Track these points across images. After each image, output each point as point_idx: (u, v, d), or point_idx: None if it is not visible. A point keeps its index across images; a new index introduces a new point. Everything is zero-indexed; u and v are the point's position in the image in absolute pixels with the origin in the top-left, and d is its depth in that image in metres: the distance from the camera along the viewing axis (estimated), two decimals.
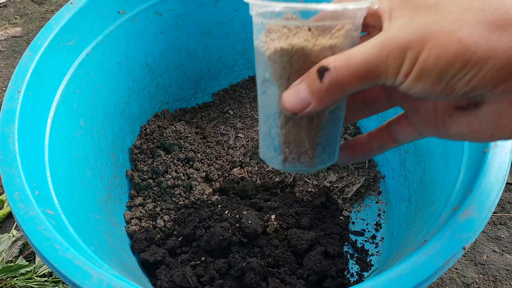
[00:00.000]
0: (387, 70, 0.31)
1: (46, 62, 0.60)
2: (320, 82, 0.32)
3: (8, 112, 0.54)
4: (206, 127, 0.86)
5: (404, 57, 0.30)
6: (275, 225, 0.67)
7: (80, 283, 0.41)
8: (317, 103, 0.33)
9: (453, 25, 0.29)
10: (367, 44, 0.31)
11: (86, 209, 0.61)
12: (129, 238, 0.71)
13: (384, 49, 0.31)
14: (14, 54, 1.22)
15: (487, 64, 0.29)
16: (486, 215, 0.43)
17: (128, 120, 0.78)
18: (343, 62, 0.31)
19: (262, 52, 0.36)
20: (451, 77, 0.30)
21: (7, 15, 1.33)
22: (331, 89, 0.32)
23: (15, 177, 0.48)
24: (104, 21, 0.69)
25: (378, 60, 0.31)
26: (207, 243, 0.65)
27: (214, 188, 0.75)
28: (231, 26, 0.83)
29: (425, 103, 0.39)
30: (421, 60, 0.30)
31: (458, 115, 0.36)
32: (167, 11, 0.76)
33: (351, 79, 0.32)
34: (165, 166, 0.76)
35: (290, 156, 0.40)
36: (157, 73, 0.82)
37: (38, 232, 0.45)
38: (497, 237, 0.82)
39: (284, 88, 0.36)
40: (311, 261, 0.62)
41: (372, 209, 0.77)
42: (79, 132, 0.65)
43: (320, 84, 0.32)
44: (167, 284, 0.63)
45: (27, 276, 0.79)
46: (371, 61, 0.31)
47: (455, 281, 0.77)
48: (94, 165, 0.68)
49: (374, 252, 0.72)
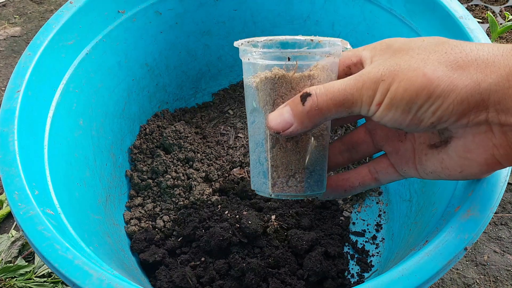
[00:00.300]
0: (362, 98, 0.36)
1: (46, 62, 0.60)
2: (302, 105, 0.37)
3: (7, 112, 0.53)
4: (206, 127, 0.86)
5: (377, 88, 0.35)
6: (275, 225, 0.67)
7: (80, 283, 0.41)
8: (298, 125, 0.38)
9: (420, 63, 0.34)
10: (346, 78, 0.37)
11: (86, 209, 0.61)
12: (128, 238, 0.71)
13: (359, 81, 0.36)
14: (13, 54, 1.22)
15: (449, 97, 0.34)
16: (488, 216, 0.43)
17: (127, 119, 0.78)
18: (323, 90, 0.37)
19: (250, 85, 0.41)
20: (418, 108, 0.35)
21: (6, 14, 1.33)
22: (312, 112, 0.37)
23: (14, 177, 0.48)
24: (104, 21, 0.68)
25: (353, 89, 0.36)
26: (207, 243, 0.65)
27: (214, 188, 0.75)
28: (231, 25, 0.82)
29: (404, 144, 0.44)
30: (391, 91, 0.35)
31: (432, 153, 0.41)
32: (167, 10, 0.76)
33: (330, 105, 0.36)
34: (164, 166, 0.76)
35: (279, 180, 0.42)
36: (157, 72, 0.82)
37: (38, 232, 0.44)
38: (498, 238, 0.82)
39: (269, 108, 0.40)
40: (312, 261, 0.62)
41: (372, 210, 0.77)
42: (78, 132, 0.65)
43: (303, 107, 0.37)
44: (166, 284, 0.62)
45: (26, 276, 0.79)
46: (347, 90, 0.36)
47: (455, 281, 0.77)
48: (93, 165, 0.68)
49: (375, 253, 0.72)
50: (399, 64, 0.35)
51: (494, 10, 1.18)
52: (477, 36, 0.56)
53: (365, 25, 0.73)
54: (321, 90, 0.37)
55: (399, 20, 0.67)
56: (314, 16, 0.78)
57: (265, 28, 0.83)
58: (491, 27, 1.02)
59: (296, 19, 0.80)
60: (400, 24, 0.67)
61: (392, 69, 0.35)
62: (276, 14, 0.81)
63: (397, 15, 0.67)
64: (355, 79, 0.36)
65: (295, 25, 0.80)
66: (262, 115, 0.41)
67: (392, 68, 0.35)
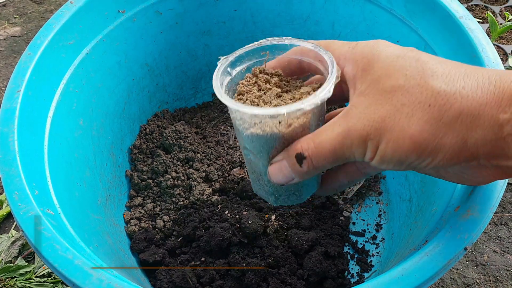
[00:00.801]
0: (354, 155, 0.37)
1: (46, 62, 0.60)
2: (300, 166, 0.39)
3: (7, 112, 0.53)
4: (206, 127, 0.86)
5: (366, 146, 0.36)
6: (275, 225, 0.67)
7: (80, 283, 0.41)
8: (299, 179, 0.40)
9: (405, 121, 0.34)
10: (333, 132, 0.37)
11: (86, 209, 0.61)
12: (128, 238, 0.71)
13: (347, 139, 0.36)
14: (13, 54, 1.22)
15: (438, 155, 0.34)
16: (488, 216, 0.43)
17: (127, 119, 0.78)
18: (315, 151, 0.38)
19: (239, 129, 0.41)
20: (410, 163, 0.36)
21: (6, 14, 1.33)
22: (310, 170, 0.39)
23: (14, 177, 0.48)
24: (104, 20, 0.68)
25: (343, 148, 0.36)
26: (207, 243, 0.65)
27: (214, 188, 0.75)
28: (231, 25, 0.82)
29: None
30: (380, 150, 0.35)
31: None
32: (167, 10, 0.76)
33: (325, 163, 0.38)
34: (164, 166, 0.76)
35: (281, 198, 0.47)
36: (157, 72, 0.82)
37: (38, 232, 0.44)
38: (498, 238, 0.82)
39: (265, 160, 0.42)
40: (312, 261, 0.62)
41: (372, 210, 0.77)
42: (78, 132, 0.65)
43: (301, 168, 0.39)
44: (166, 284, 0.62)
45: (26, 276, 0.79)
46: (337, 150, 0.37)
47: (455, 281, 0.77)
48: (93, 165, 0.68)
49: (375, 253, 0.72)
50: (384, 120, 0.34)
51: (494, 10, 1.18)
52: (477, 36, 0.56)
53: (365, 25, 0.73)
54: (313, 151, 0.38)
55: (399, 20, 0.67)
56: (314, 16, 0.78)
57: (265, 28, 0.83)
58: (491, 27, 1.02)
59: (296, 19, 0.80)
60: (400, 24, 0.67)
61: (377, 126, 0.35)
62: (276, 14, 0.81)
63: (397, 15, 0.67)
64: (343, 136, 0.36)
65: (295, 25, 0.80)
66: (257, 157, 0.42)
67: (376, 124, 0.35)
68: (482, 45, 0.55)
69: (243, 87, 0.43)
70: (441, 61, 0.36)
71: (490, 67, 0.53)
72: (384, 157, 0.35)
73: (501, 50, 1.09)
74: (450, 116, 0.33)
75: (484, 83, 0.33)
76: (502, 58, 1.08)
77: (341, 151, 0.37)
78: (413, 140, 0.34)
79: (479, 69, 0.35)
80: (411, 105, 0.34)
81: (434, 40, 0.62)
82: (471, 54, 0.55)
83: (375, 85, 0.36)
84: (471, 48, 0.56)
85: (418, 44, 0.64)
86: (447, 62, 0.36)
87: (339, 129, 0.37)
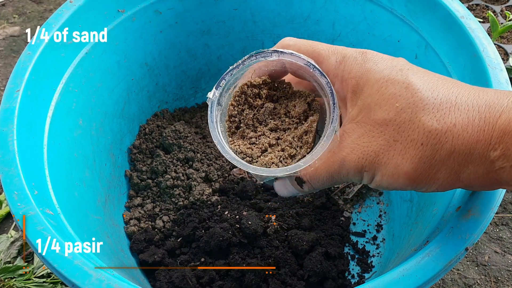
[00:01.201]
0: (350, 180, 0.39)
1: (45, 61, 0.59)
2: (301, 188, 0.41)
3: (7, 111, 0.53)
4: (206, 127, 0.86)
5: (362, 176, 0.37)
6: (276, 226, 0.66)
7: (79, 284, 0.41)
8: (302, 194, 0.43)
9: (398, 158, 0.35)
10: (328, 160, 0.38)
11: (85, 209, 0.61)
12: (128, 238, 0.70)
13: (343, 169, 0.38)
14: (12, 53, 1.22)
15: (432, 186, 0.36)
16: (489, 216, 0.43)
17: (127, 119, 0.78)
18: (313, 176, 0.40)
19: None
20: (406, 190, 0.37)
21: (6, 14, 1.33)
22: (310, 190, 0.42)
23: (14, 177, 0.48)
24: (103, 20, 0.68)
25: (340, 175, 0.38)
26: (206, 244, 0.64)
27: (213, 189, 0.75)
28: (231, 25, 0.82)
29: None
30: (376, 181, 0.37)
31: None
32: (166, 9, 0.76)
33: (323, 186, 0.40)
34: (164, 166, 0.76)
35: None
36: (157, 72, 0.82)
37: (38, 232, 0.44)
38: (499, 238, 0.81)
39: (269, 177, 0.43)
40: (312, 262, 0.62)
41: (373, 210, 0.77)
42: (78, 132, 0.65)
43: (302, 188, 0.42)
44: (166, 285, 0.62)
45: (25, 277, 0.79)
46: (334, 176, 0.39)
47: (456, 282, 0.77)
48: (93, 165, 0.67)
49: (375, 253, 0.72)
50: (378, 155, 0.35)
51: (495, 10, 1.18)
52: (478, 35, 0.56)
53: (366, 25, 0.73)
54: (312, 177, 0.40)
55: (400, 19, 0.66)
56: (314, 16, 0.78)
57: (265, 28, 0.82)
58: (492, 26, 1.02)
59: (296, 18, 0.80)
60: (401, 24, 0.67)
61: (371, 160, 0.36)
62: (276, 14, 0.81)
63: (398, 15, 0.67)
64: (339, 165, 0.38)
65: (295, 25, 0.80)
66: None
67: (371, 158, 0.36)
68: (483, 44, 0.55)
69: (234, 109, 0.42)
70: (430, 87, 0.35)
71: (491, 66, 0.53)
72: (380, 186, 0.37)
73: (502, 50, 1.09)
74: (442, 155, 0.34)
75: (474, 118, 0.33)
76: (503, 58, 1.08)
77: (338, 177, 0.39)
78: (408, 176, 0.35)
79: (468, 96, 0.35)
80: (404, 142, 0.35)
81: (434, 39, 0.62)
82: (472, 54, 0.55)
83: (366, 113, 0.36)
84: (472, 48, 0.56)
85: (419, 43, 0.64)
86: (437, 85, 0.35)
87: (334, 158, 0.38)
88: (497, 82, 0.51)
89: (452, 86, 0.36)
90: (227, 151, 0.41)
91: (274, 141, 0.42)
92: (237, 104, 0.43)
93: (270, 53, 0.40)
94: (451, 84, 0.36)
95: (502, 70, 0.52)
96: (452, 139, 0.34)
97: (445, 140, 0.34)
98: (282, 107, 0.43)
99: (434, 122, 0.34)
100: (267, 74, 0.43)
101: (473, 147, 0.33)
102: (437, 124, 0.34)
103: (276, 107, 0.43)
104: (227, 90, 0.43)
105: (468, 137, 0.33)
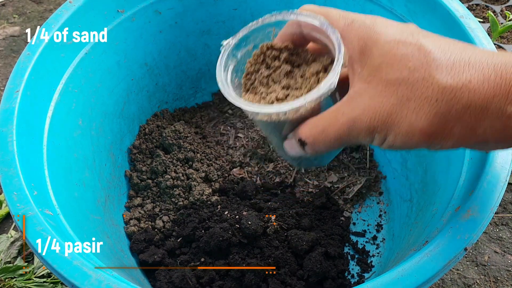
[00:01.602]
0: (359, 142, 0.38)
1: (45, 61, 0.59)
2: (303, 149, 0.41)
3: (6, 112, 0.53)
4: (206, 127, 0.86)
5: (373, 137, 0.36)
6: (275, 226, 0.66)
7: (79, 284, 0.41)
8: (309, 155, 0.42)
9: (412, 116, 0.34)
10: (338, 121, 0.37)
11: (85, 210, 0.61)
12: (128, 239, 0.70)
13: (353, 130, 0.36)
14: (12, 54, 1.22)
15: (448, 142, 0.35)
16: (488, 216, 0.43)
17: (127, 119, 0.78)
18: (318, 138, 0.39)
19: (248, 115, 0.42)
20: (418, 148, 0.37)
21: (5, 14, 1.33)
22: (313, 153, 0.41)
23: (13, 177, 0.48)
24: (103, 20, 0.68)
25: (350, 137, 0.37)
26: (206, 244, 0.65)
27: (213, 189, 0.75)
28: (231, 25, 0.82)
29: None
30: (388, 141, 0.36)
31: None
32: (166, 9, 0.76)
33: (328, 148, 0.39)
34: (164, 166, 0.76)
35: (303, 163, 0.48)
36: (156, 72, 0.82)
37: (37, 232, 0.44)
38: (499, 238, 0.81)
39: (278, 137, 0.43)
40: (312, 262, 0.62)
41: (373, 210, 0.77)
42: (77, 132, 0.65)
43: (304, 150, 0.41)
44: (166, 285, 0.62)
45: (26, 277, 0.79)
46: (343, 137, 0.37)
47: (456, 282, 0.77)
48: (92, 165, 0.67)
49: (375, 253, 0.72)
50: (390, 115, 0.35)
51: (495, 10, 1.18)
52: (477, 35, 0.56)
53: None
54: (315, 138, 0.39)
55: (400, 19, 0.66)
56: None
57: None
58: (492, 26, 1.02)
59: None
60: None
61: (384, 120, 0.35)
62: None
63: (397, 15, 0.67)
64: (349, 126, 0.36)
65: None
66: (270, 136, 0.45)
67: (384, 119, 0.35)
68: (483, 44, 0.55)
69: (251, 66, 0.43)
70: (443, 48, 0.35)
71: None
72: (393, 146, 0.36)
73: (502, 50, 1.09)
74: (458, 110, 0.33)
75: (490, 75, 0.33)
76: None
77: (347, 138, 0.37)
78: (423, 132, 0.34)
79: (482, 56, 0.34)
80: (418, 99, 0.34)
81: None
82: None
83: (377, 73, 0.36)
84: None
85: None
86: (449, 47, 0.35)
87: (343, 119, 0.37)
88: None
89: (465, 47, 0.35)
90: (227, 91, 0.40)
91: (283, 96, 0.41)
92: (255, 62, 0.43)
93: (289, 13, 0.42)
94: (464, 45, 0.36)
95: None
96: (468, 94, 0.33)
97: (461, 96, 0.33)
98: (299, 71, 0.43)
99: (448, 79, 0.33)
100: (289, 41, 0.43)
101: (489, 102, 0.33)
102: (451, 80, 0.33)
103: (293, 71, 0.43)
104: (245, 45, 0.44)
105: (484, 92, 0.33)
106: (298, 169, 0.49)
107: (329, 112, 0.38)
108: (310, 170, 0.78)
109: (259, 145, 0.80)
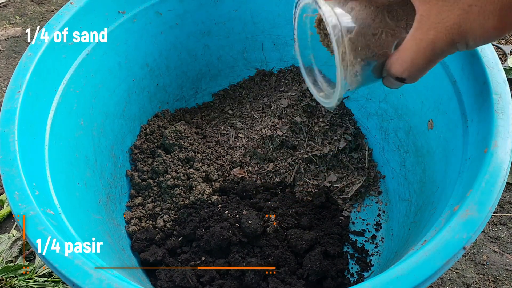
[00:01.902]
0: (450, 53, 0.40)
1: (46, 62, 0.60)
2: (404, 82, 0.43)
3: (8, 112, 0.53)
4: (206, 127, 0.86)
5: (457, 48, 0.39)
6: (275, 225, 0.67)
7: (80, 283, 0.41)
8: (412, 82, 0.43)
9: (481, 19, 0.36)
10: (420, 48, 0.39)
11: (86, 209, 0.61)
12: (129, 238, 0.71)
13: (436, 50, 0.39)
14: (14, 54, 1.22)
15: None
16: (487, 215, 0.43)
17: (128, 120, 0.78)
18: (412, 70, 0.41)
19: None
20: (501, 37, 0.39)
21: (7, 15, 1.33)
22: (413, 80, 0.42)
23: (15, 177, 0.48)
24: (104, 21, 0.69)
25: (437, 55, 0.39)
26: (207, 243, 0.65)
27: (214, 188, 0.75)
28: (231, 26, 0.82)
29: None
30: (471, 46, 0.39)
31: None
32: (167, 11, 0.76)
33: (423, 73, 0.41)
34: (165, 166, 0.76)
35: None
36: (157, 73, 0.82)
37: (38, 232, 0.44)
38: (497, 237, 0.82)
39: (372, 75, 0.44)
40: (311, 261, 0.62)
41: (372, 209, 0.77)
42: (79, 132, 0.65)
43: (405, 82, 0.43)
44: (167, 284, 0.62)
45: (27, 276, 0.79)
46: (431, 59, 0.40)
47: (455, 281, 0.77)
48: (94, 165, 0.68)
49: (374, 252, 0.72)
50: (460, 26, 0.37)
51: None
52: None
53: None
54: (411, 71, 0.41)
55: None
56: None
57: (265, 29, 0.83)
58: None
59: None
60: None
61: (457, 31, 0.37)
62: (276, 15, 0.81)
63: None
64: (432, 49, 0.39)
65: None
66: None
67: (456, 30, 0.37)
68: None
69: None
70: None
71: (489, 67, 0.53)
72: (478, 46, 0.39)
73: (500, 50, 1.09)
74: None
75: None
76: (501, 58, 1.08)
77: (436, 57, 0.40)
78: (496, 28, 0.36)
79: None
80: (478, 4, 0.36)
81: None
82: (470, 53, 0.55)
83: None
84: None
85: None
86: None
87: (423, 44, 0.39)
88: (495, 82, 0.51)
89: None
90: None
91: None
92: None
93: None
94: None
95: (500, 70, 0.53)
96: None
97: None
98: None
99: None
100: None
101: None
102: None
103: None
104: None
105: None
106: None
107: (408, 42, 0.40)
108: (310, 170, 0.78)
109: (259, 145, 0.80)
